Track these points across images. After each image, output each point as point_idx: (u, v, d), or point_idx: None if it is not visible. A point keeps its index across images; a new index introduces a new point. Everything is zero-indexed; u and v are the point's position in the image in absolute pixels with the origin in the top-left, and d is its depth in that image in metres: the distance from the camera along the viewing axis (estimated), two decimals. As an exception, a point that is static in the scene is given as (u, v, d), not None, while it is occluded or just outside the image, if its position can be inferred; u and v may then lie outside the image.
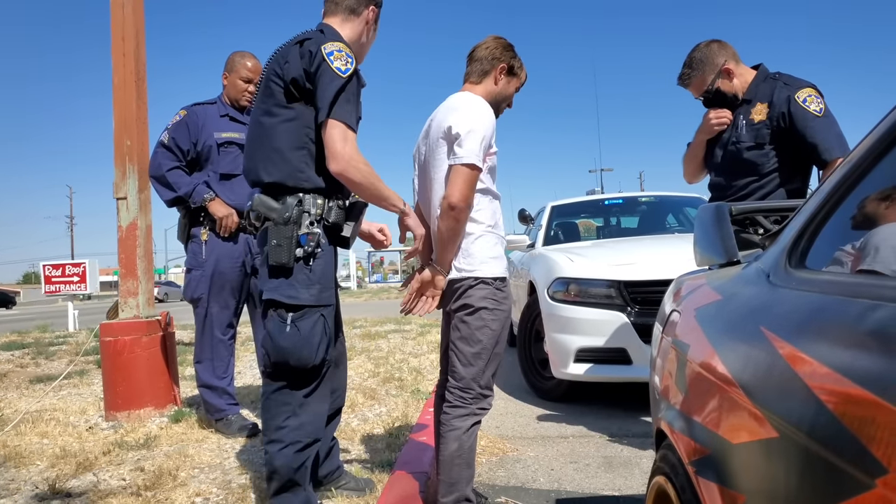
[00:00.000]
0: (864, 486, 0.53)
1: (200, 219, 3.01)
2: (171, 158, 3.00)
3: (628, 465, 2.71)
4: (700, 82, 2.63)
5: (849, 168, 0.88)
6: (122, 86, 3.58)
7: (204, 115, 3.06)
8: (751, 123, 2.55)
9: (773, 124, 2.49)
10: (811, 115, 2.40)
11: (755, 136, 2.53)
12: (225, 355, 3.09)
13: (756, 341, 0.81)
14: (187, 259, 3.08)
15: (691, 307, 1.21)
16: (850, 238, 0.87)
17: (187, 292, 3.07)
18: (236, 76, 3.11)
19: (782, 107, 2.46)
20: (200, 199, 2.95)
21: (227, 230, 2.98)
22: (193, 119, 3.03)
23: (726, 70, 2.58)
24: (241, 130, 3.05)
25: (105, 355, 3.41)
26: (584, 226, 6.17)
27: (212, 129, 3.03)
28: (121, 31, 3.59)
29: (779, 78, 2.56)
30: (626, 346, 3.43)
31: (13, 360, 6.35)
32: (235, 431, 2.95)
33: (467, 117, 1.88)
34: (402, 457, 2.55)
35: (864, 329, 0.63)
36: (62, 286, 11.32)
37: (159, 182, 3.02)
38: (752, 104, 2.57)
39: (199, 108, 3.10)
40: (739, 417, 0.80)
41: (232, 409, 3.09)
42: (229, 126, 3.07)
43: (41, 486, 2.36)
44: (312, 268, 1.81)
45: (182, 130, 3.01)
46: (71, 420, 3.41)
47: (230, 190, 3.01)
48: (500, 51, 2.07)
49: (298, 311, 1.80)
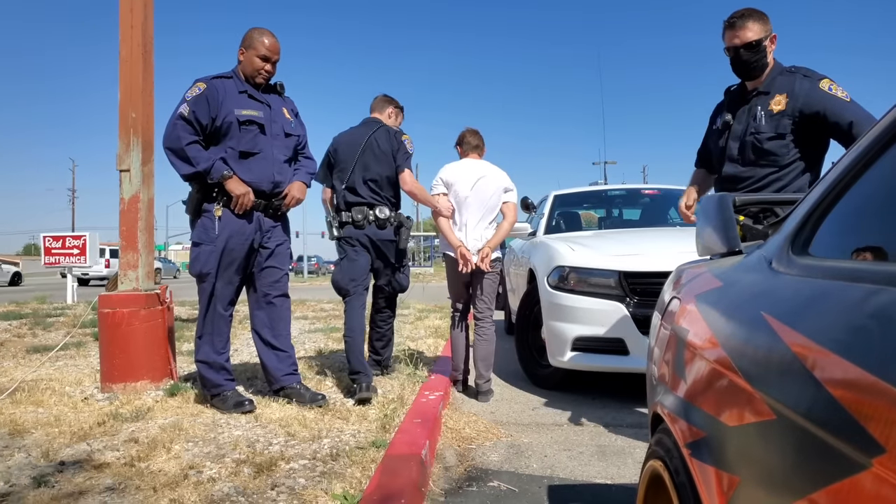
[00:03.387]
0: (860, 465, 0.53)
1: (213, 194, 2.98)
2: (191, 132, 2.92)
3: (622, 455, 2.72)
4: (756, 29, 2.58)
5: (855, 156, 0.87)
6: (128, 58, 3.56)
7: (223, 90, 2.99)
8: (770, 114, 2.58)
9: (796, 115, 2.53)
10: (841, 100, 2.46)
11: (776, 127, 2.57)
12: (225, 331, 3.09)
13: (756, 326, 0.81)
14: (196, 233, 3.03)
15: (692, 294, 1.21)
16: (856, 225, 0.86)
17: (195, 267, 3.03)
18: (254, 53, 3.04)
19: (807, 97, 2.50)
20: (219, 175, 2.91)
21: (243, 208, 2.95)
22: (213, 93, 2.96)
23: (775, 36, 2.62)
24: (261, 109, 3.05)
25: (103, 327, 3.42)
26: (586, 218, 6.15)
27: (232, 105, 2.98)
28: (129, 3, 3.56)
29: (796, 71, 2.60)
30: (624, 336, 3.43)
31: (10, 330, 6.37)
32: (231, 407, 2.95)
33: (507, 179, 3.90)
34: (397, 437, 2.56)
35: (864, 312, 0.62)
36: (62, 258, 11.33)
37: (177, 155, 2.94)
38: (770, 95, 2.60)
39: (218, 81, 3.02)
40: (736, 400, 0.79)
41: (229, 384, 3.09)
42: (249, 103, 3.03)
43: (35, 453, 2.37)
44: None
45: (202, 104, 2.94)
46: (67, 390, 3.41)
47: (248, 168, 2.99)
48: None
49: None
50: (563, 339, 3.60)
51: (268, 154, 3.04)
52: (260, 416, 2.88)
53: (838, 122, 2.44)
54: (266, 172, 3.02)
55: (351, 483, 2.09)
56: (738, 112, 2.70)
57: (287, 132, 3.14)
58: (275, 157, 3.06)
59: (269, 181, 3.03)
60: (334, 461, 2.32)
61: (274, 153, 3.06)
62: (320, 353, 4.92)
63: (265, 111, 3.06)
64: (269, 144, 3.04)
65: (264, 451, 2.41)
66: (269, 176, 3.03)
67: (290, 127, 3.16)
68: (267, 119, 3.05)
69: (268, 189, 3.04)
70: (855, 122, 2.40)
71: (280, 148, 3.09)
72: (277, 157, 3.07)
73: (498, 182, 3.81)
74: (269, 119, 3.06)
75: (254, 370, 4.00)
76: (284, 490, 2.03)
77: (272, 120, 3.07)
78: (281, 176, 3.08)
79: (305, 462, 2.30)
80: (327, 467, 2.25)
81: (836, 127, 2.45)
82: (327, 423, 2.83)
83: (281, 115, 3.14)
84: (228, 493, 2.00)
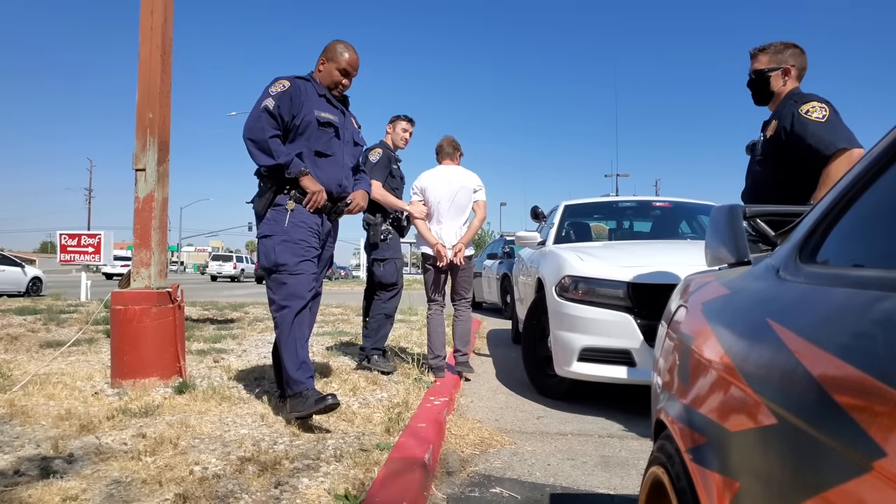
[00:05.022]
0: (861, 469, 0.53)
1: (284, 191, 3.00)
2: (274, 126, 2.93)
3: (625, 466, 2.71)
4: (765, 60, 2.85)
5: (866, 164, 0.87)
6: (147, 59, 3.62)
7: (305, 91, 3.04)
8: (765, 139, 2.81)
9: (779, 138, 2.70)
10: (812, 122, 2.56)
11: (766, 150, 2.79)
12: (306, 325, 2.95)
13: (761, 331, 0.81)
14: (266, 226, 2.97)
15: (698, 301, 1.21)
16: (866, 234, 0.86)
17: (268, 258, 2.92)
18: (334, 66, 3.13)
19: (785, 120, 2.65)
20: (297, 171, 2.91)
21: (315, 205, 2.96)
22: (297, 92, 3.00)
23: (786, 70, 2.80)
24: (337, 114, 3.14)
25: (114, 323, 3.46)
26: (596, 230, 6.13)
27: (312, 105, 3.03)
28: (150, 5, 3.63)
29: (793, 96, 2.74)
30: (631, 347, 3.42)
31: (25, 325, 6.46)
32: (312, 405, 2.73)
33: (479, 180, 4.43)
34: (401, 441, 2.56)
35: (869, 318, 0.62)
36: (77, 255, 11.48)
37: (259, 147, 2.90)
38: (769, 121, 2.82)
39: (301, 82, 3.07)
40: (739, 405, 0.79)
41: (310, 381, 2.86)
42: (327, 107, 3.11)
43: (44, 444, 2.40)
44: None
45: (286, 101, 2.96)
46: (77, 384, 3.45)
47: (320, 168, 3.04)
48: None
49: None
50: (570, 349, 3.60)
51: (339, 158, 3.13)
52: (266, 416, 2.89)
53: (802, 141, 2.57)
54: (336, 175, 3.11)
55: (354, 484, 2.10)
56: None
57: (356, 141, 3.30)
58: (345, 161, 3.16)
59: (336, 184, 3.10)
60: (338, 462, 2.32)
61: (344, 158, 3.17)
62: (327, 355, 4.94)
63: (340, 117, 3.17)
64: (341, 149, 3.15)
65: (269, 449, 2.42)
66: (337, 179, 3.11)
67: (358, 137, 3.32)
68: (341, 125, 3.16)
69: (335, 192, 3.10)
70: (814, 145, 2.52)
71: (349, 154, 3.21)
72: (346, 163, 3.18)
73: (467, 183, 4.35)
74: (343, 125, 3.16)
75: (262, 371, 4.02)
76: (288, 489, 2.04)
77: (345, 127, 3.19)
78: (347, 181, 3.18)
79: (309, 462, 2.31)
80: (331, 468, 2.25)
81: (803, 149, 2.57)
82: (332, 424, 2.84)
83: (351, 124, 3.28)
84: (232, 489, 2.01)
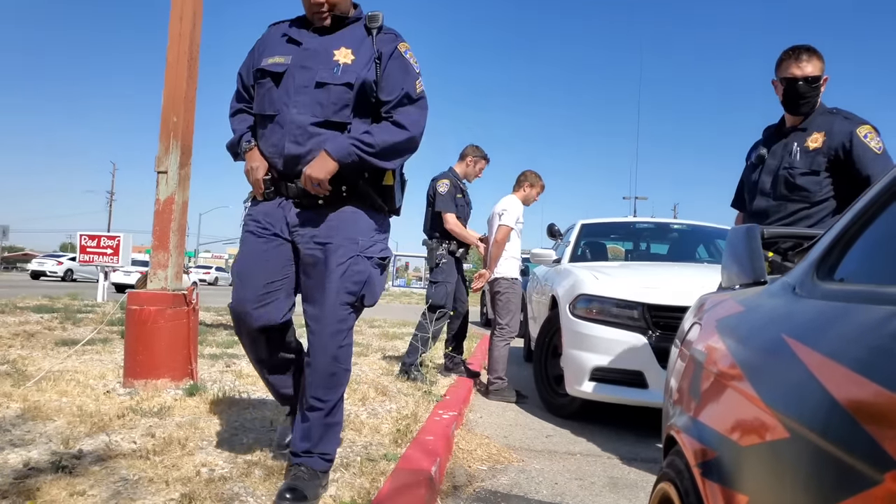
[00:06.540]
0: (872, 481, 0.52)
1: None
2: (237, 99, 2.34)
3: (634, 489, 2.67)
4: (819, 65, 2.65)
5: (884, 185, 0.87)
6: (174, 63, 3.69)
7: (268, 38, 2.26)
8: (806, 150, 2.65)
9: (831, 154, 2.60)
10: (872, 152, 2.53)
11: (811, 163, 2.64)
12: None
13: (775, 346, 0.80)
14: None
15: (713, 319, 1.20)
16: (883, 252, 0.86)
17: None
18: None
19: (843, 139, 2.58)
20: (242, 149, 2.25)
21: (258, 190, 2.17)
22: (260, 43, 2.28)
23: (827, 79, 2.71)
24: (295, 51, 2.12)
25: (129, 323, 3.49)
26: (612, 251, 6.11)
27: (265, 53, 2.21)
28: (179, 12, 3.71)
29: (838, 112, 2.68)
30: (644, 369, 3.38)
31: (42, 323, 6.54)
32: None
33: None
34: (408, 452, 2.55)
35: (886, 332, 0.62)
36: (96, 256, 11.65)
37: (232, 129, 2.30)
38: (807, 132, 2.68)
39: (273, 28, 2.28)
40: (751, 420, 0.79)
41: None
42: (279, 48, 2.17)
43: (55, 440, 2.42)
44: None
45: (246, 62, 2.30)
46: (90, 383, 3.49)
47: (263, 138, 2.19)
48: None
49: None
50: (582, 369, 3.57)
51: (283, 115, 2.06)
52: (274, 422, 2.90)
53: (860, 171, 2.53)
54: (277, 141, 2.08)
55: (359, 493, 2.09)
56: (774, 147, 2.79)
57: (321, 81, 2.04)
58: (291, 118, 2.04)
59: (278, 153, 2.07)
60: (345, 470, 2.32)
61: (290, 113, 2.05)
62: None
63: (298, 54, 2.10)
64: (287, 100, 2.06)
65: (276, 454, 2.42)
66: (278, 146, 2.07)
67: (331, 73, 2.05)
68: (292, 66, 2.08)
69: (279, 165, 2.07)
70: (872, 177, 2.49)
71: (305, 105, 2.04)
72: (296, 119, 2.04)
73: (497, 209, 4.66)
74: (295, 66, 2.07)
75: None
76: (293, 494, 2.03)
77: (300, 66, 2.07)
78: (298, 145, 2.03)
79: (316, 469, 2.30)
80: (337, 475, 2.25)
81: (858, 175, 2.53)
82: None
83: (322, 57, 2.08)
84: (238, 492, 2.02)
